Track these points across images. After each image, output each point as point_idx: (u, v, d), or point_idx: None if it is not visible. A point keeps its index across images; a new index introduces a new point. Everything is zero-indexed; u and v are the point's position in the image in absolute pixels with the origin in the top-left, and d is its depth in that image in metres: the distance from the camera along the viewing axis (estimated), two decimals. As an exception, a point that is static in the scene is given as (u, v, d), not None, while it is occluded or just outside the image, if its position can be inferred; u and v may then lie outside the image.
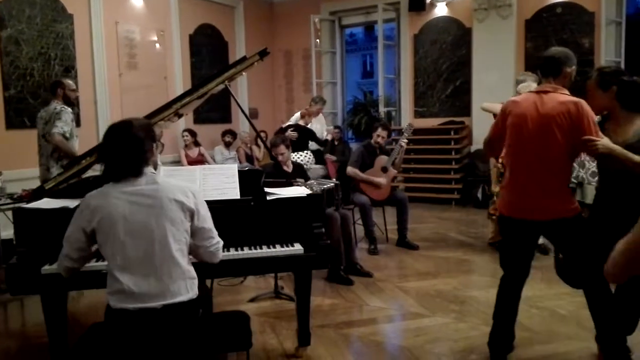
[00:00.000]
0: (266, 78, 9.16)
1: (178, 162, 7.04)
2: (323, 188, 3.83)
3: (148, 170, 2.01)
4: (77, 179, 2.82)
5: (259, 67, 4.00)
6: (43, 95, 5.57)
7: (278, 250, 2.58)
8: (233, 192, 2.68)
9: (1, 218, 4.28)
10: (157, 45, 7.08)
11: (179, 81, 7.31)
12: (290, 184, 3.20)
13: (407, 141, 5.31)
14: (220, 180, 2.72)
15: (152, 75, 6.94)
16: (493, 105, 4.71)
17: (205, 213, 2.09)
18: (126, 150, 1.95)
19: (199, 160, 7.03)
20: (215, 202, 2.49)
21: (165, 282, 1.93)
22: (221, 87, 3.09)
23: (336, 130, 7.83)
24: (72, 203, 2.40)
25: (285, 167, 4.16)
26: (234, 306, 3.54)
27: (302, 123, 6.71)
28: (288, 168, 4.24)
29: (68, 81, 4.63)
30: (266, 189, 2.80)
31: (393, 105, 8.74)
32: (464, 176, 7.54)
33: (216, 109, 7.98)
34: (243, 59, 3.12)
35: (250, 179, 2.76)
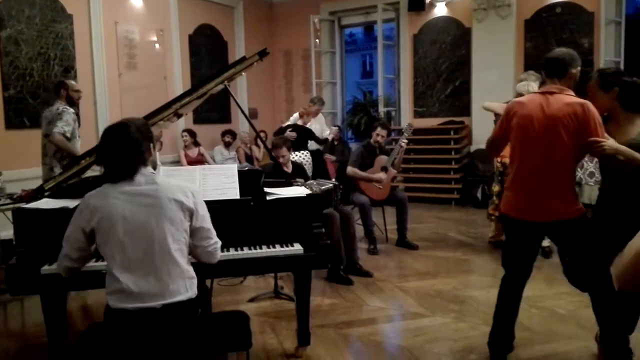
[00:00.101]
0: (266, 78, 9.16)
1: (178, 162, 7.04)
2: (322, 188, 3.84)
3: (147, 170, 2.01)
4: (77, 179, 2.82)
5: (259, 67, 4.00)
6: (43, 95, 5.58)
7: (278, 250, 2.58)
8: (233, 192, 2.68)
9: (1, 218, 4.27)
10: (157, 45, 7.08)
11: (179, 81, 7.31)
12: (289, 184, 3.20)
13: (407, 141, 5.31)
14: (220, 180, 2.72)
15: (152, 75, 6.94)
16: (494, 104, 4.72)
17: (204, 213, 2.09)
18: (123, 151, 1.95)
19: (199, 160, 7.03)
20: (215, 202, 2.50)
21: (164, 282, 1.93)
22: (221, 87, 3.08)
23: (336, 129, 7.82)
24: (72, 203, 2.40)
25: (285, 168, 4.16)
26: (234, 306, 3.54)
27: (301, 122, 6.71)
28: (288, 168, 4.24)
29: (71, 82, 4.67)
30: (266, 189, 2.80)
31: (393, 105, 8.74)
32: (464, 176, 7.54)
33: (216, 109, 7.98)
34: (242, 59, 3.12)
35: (249, 179, 2.76)
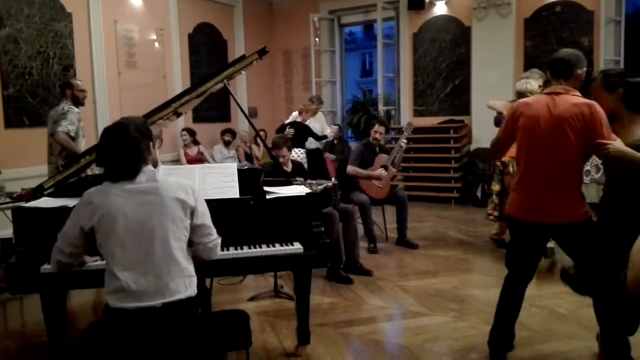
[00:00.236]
0: (265, 77, 9.15)
1: (177, 161, 7.04)
2: (320, 187, 3.83)
3: (147, 168, 2.01)
4: (76, 178, 2.82)
5: (258, 66, 4.00)
6: (42, 94, 5.58)
7: (277, 249, 2.58)
8: (232, 191, 2.68)
9: (0, 217, 4.27)
10: (156, 44, 7.07)
11: (178, 80, 7.30)
12: (289, 183, 3.20)
13: (406, 141, 5.31)
14: (219, 179, 2.71)
15: (151, 74, 6.93)
16: (497, 103, 4.71)
17: (204, 210, 2.09)
18: (123, 151, 1.95)
19: (198, 159, 7.02)
20: (214, 201, 2.49)
21: (164, 280, 1.93)
22: (220, 86, 3.08)
23: (336, 128, 7.81)
24: (71, 202, 2.39)
25: (284, 167, 4.15)
26: (234, 305, 3.54)
27: (300, 119, 6.72)
28: (287, 167, 4.24)
29: (77, 82, 4.72)
30: (265, 188, 2.80)
31: (392, 104, 8.74)
32: (464, 175, 7.54)
33: (215, 108, 7.97)
34: (242, 58, 3.12)
35: (249, 178, 2.76)
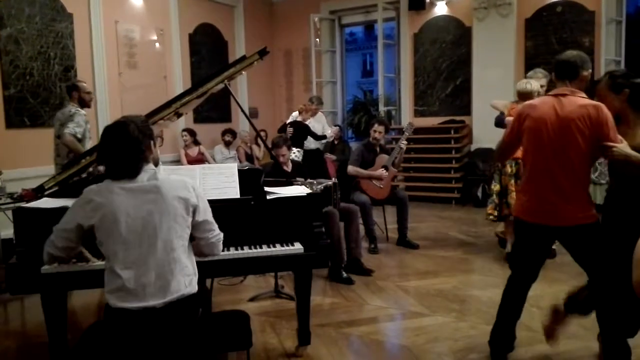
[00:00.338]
0: (266, 77, 9.16)
1: (178, 162, 7.04)
2: (320, 187, 3.83)
3: (149, 167, 2.01)
4: (77, 178, 2.82)
5: (259, 67, 4.00)
6: (43, 94, 5.58)
7: (278, 249, 2.58)
8: (233, 192, 2.68)
9: (1, 217, 4.27)
10: (157, 44, 7.07)
11: (179, 80, 7.31)
12: (290, 183, 3.20)
13: (407, 142, 5.31)
14: (220, 179, 2.71)
15: (152, 74, 6.94)
16: (499, 103, 4.71)
17: (205, 206, 2.10)
18: (123, 150, 1.94)
19: (199, 159, 7.02)
20: (215, 202, 2.49)
21: (166, 278, 1.93)
22: (221, 87, 3.08)
23: (336, 128, 7.82)
24: (72, 202, 2.39)
25: (284, 167, 4.16)
26: (234, 305, 3.54)
27: (300, 119, 6.72)
28: (287, 167, 4.24)
29: (83, 84, 4.71)
30: (266, 188, 2.80)
31: (393, 104, 8.74)
32: (464, 175, 7.53)
33: (216, 109, 7.98)
34: (243, 58, 3.12)
35: (250, 178, 2.76)
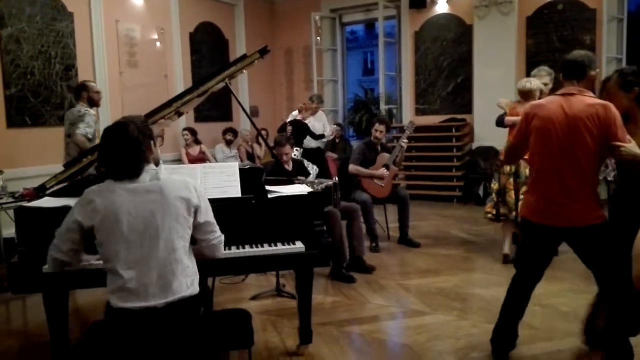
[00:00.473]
0: (267, 76, 9.15)
1: (179, 161, 7.04)
2: (320, 186, 3.83)
3: (150, 167, 2.01)
4: (79, 177, 2.82)
5: (260, 65, 4.00)
6: (44, 93, 5.59)
7: (279, 248, 2.58)
8: (234, 191, 2.67)
9: (3, 217, 4.28)
10: (158, 43, 7.07)
11: (180, 79, 7.31)
12: (291, 182, 3.20)
13: (407, 140, 5.30)
14: (221, 178, 2.71)
15: (153, 73, 6.94)
16: (504, 101, 4.71)
17: (207, 207, 2.10)
18: (124, 151, 1.94)
19: (200, 158, 7.02)
20: (216, 201, 2.49)
21: (167, 279, 1.93)
22: (221, 85, 3.08)
23: (337, 128, 7.81)
24: (73, 202, 2.38)
25: (286, 165, 4.15)
26: (236, 304, 3.54)
27: (300, 117, 6.71)
28: (289, 166, 4.23)
29: (91, 84, 4.75)
30: (267, 187, 2.79)
31: (394, 102, 8.73)
32: (466, 173, 7.53)
33: (217, 107, 7.97)
34: (243, 57, 3.11)
35: (251, 177, 2.75)
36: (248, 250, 2.54)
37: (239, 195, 2.66)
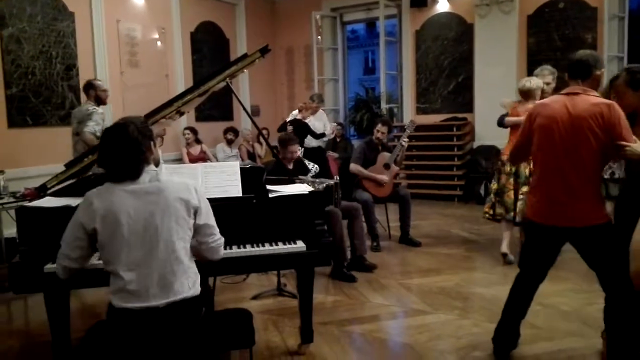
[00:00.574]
0: (268, 75, 9.15)
1: (180, 160, 7.04)
2: (321, 186, 3.83)
3: (150, 168, 2.01)
4: (80, 177, 2.82)
5: (261, 65, 3.99)
6: (45, 93, 5.59)
7: (280, 247, 2.58)
8: (235, 190, 2.67)
9: (4, 216, 4.28)
10: (159, 43, 7.07)
11: (181, 79, 7.31)
12: (292, 181, 3.20)
13: (408, 139, 5.30)
14: (222, 178, 2.71)
15: (154, 73, 6.94)
16: (507, 100, 4.70)
17: (207, 209, 2.09)
18: (124, 152, 1.94)
19: (201, 158, 7.02)
20: (217, 200, 2.49)
21: (168, 280, 1.93)
22: (222, 85, 3.08)
23: (338, 127, 7.81)
24: (75, 201, 2.39)
25: (289, 164, 4.15)
26: (237, 304, 3.54)
27: (300, 117, 6.71)
28: (291, 165, 4.23)
29: (99, 82, 4.89)
30: (268, 187, 2.80)
31: (395, 101, 8.73)
32: (467, 172, 7.52)
33: (218, 107, 7.97)
34: (244, 56, 3.12)
35: (252, 177, 2.75)
36: (249, 249, 2.55)
37: (240, 194, 2.66)
